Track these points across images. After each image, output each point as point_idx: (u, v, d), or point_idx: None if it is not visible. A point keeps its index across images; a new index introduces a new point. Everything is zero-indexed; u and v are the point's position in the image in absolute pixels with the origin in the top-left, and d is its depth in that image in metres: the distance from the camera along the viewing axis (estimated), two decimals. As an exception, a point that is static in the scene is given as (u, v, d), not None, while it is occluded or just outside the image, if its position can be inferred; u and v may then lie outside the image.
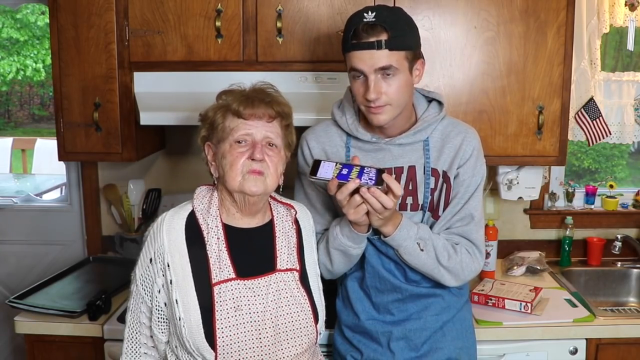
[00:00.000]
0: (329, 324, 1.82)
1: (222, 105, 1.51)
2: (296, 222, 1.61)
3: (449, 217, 1.70)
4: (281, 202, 1.62)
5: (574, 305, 2.16)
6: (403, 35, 1.56)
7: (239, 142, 1.46)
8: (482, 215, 1.73)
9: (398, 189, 1.48)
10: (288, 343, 1.48)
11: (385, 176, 1.47)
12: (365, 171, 1.49)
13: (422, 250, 1.62)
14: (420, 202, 1.69)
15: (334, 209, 1.77)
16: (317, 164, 1.52)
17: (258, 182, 1.46)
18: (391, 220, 1.58)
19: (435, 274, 1.66)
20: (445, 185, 1.70)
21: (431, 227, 1.70)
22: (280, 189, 1.57)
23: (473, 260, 1.70)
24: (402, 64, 1.57)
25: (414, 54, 1.61)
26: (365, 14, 1.55)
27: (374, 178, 1.47)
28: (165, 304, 1.48)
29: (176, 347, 1.48)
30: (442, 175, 1.69)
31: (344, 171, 1.49)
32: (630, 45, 2.50)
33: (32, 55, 8.87)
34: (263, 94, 1.51)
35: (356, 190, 1.49)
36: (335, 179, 1.48)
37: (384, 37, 1.53)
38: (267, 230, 1.56)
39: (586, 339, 2.04)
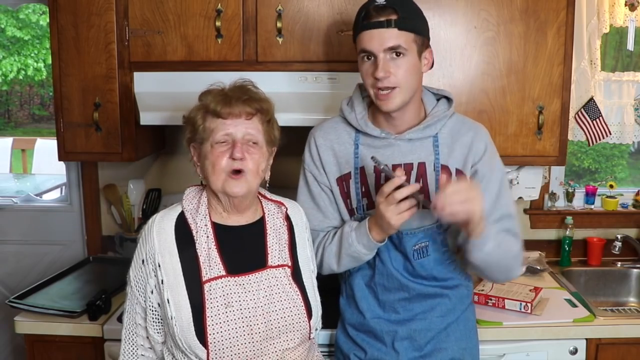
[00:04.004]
0: (331, 324, 1.82)
1: (201, 107, 1.51)
2: (287, 218, 1.62)
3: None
4: (271, 200, 1.63)
5: (574, 305, 2.16)
6: (412, 18, 1.59)
7: (219, 142, 1.47)
8: (515, 208, 1.72)
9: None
10: (280, 338, 1.49)
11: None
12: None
13: (500, 243, 1.58)
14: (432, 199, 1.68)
15: (337, 208, 1.77)
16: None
17: (240, 184, 1.47)
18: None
19: (510, 264, 1.64)
20: None
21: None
22: (267, 184, 1.58)
23: (520, 246, 1.69)
24: (411, 46, 1.59)
25: (423, 39, 1.63)
26: None
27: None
28: (159, 304, 1.49)
29: (171, 346, 1.49)
30: (454, 173, 1.69)
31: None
32: (630, 45, 2.50)
33: (32, 54, 8.88)
34: (240, 92, 1.51)
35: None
36: (403, 178, 1.48)
37: (393, 17, 1.56)
38: (258, 228, 1.57)
39: (586, 339, 2.04)
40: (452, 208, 1.44)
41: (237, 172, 1.47)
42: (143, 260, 1.50)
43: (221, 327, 1.43)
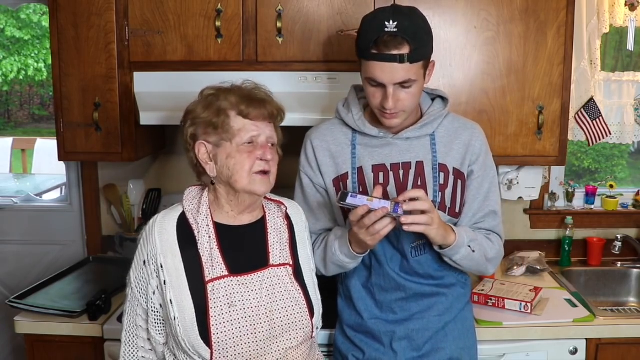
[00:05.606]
0: (329, 324, 1.82)
1: (218, 105, 1.49)
2: (287, 217, 1.62)
3: (471, 214, 1.73)
4: (271, 200, 1.63)
5: (574, 305, 2.16)
6: (423, 47, 1.56)
7: (245, 143, 1.47)
8: (500, 207, 1.79)
9: (416, 191, 1.50)
10: (283, 337, 1.49)
11: (401, 199, 1.48)
12: (394, 204, 1.50)
13: (473, 251, 1.65)
14: (431, 198, 1.69)
15: (332, 210, 1.77)
16: (345, 194, 1.51)
17: (265, 182, 1.49)
18: (448, 229, 1.60)
19: (481, 269, 1.73)
20: (459, 182, 1.71)
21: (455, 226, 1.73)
22: None
23: (501, 247, 1.78)
24: (420, 73, 1.58)
25: (429, 59, 1.62)
26: (386, 23, 1.52)
27: (401, 208, 1.48)
28: (161, 305, 1.49)
29: (173, 347, 1.49)
30: (452, 172, 1.70)
31: (374, 202, 1.49)
32: (630, 45, 2.50)
33: (33, 55, 8.88)
34: (263, 94, 1.53)
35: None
36: (367, 205, 1.47)
37: (405, 50, 1.52)
38: (259, 227, 1.57)
39: (586, 339, 2.04)
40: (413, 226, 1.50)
41: (264, 172, 1.49)
42: (144, 261, 1.49)
43: (225, 327, 1.43)
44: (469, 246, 1.64)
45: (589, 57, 2.50)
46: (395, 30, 1.51)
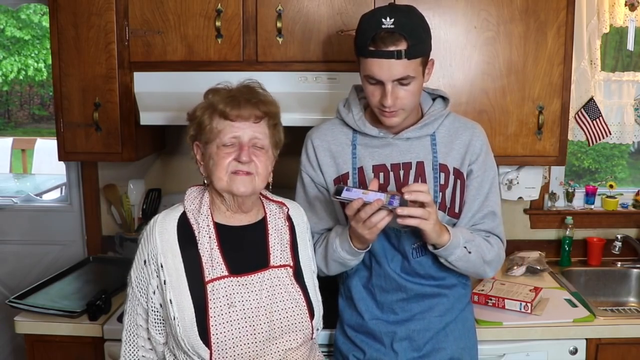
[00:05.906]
0: (330, 324, 1.82)
1: (208, 106, 1.50)
2: (289, 218, 1.62)
3: (470, 215, 1.72)
4: (273, 200, 1.63)
5: (574, 305, 2.16)
6: (421, 43, 1.55)
7: (226, 144, 1.47)
8: (500, 209, 1.77)
9: (419, 185, 1.49)
10: (283, 338, 1.49)
11: (405, 190, 1.47)
12: (390, 196, 1.49)
13: (469, 252, 1.63)
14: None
15: (333, 209, 1.77)
16: (340, 189, 1.51)
17: (246, 182, 1.47)
18: (443, 228, 1.59)
19: (479, 271, 1.70)
20: (459, 182, 1.71)
21: (453, 226, 1.71)
22: (270, 187, 1.58)
23: (501, 250, 1.74)
24: (418, 70, 1.57)
25: (428, 56, 1.61)
26: (383, 20, 1.52)
27: (397, 201, 1.47)
28: (161, 305, 1.49)
29: (173, 347, 1.49)
30: (452, 172, 1.70)
31: (369, 194, 1.48)
32: (630, 45, 2.50)
33: (33, 55, 8.88)
34: (249, 94, 1.51)
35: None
36: (362, 198, 1.47)
37: (403, 46, 1.52)
38: (260, 228, 1.57)
39: (586, 339, 2.04)
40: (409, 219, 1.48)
41: (246, 172, 1.47)
42: (145, 261, 1.49)
43: (224, 327, 1.43)
44: (465, 247, 1.62)
45: (589, 57, 2.50)
46: (392, 26, 1.51)
